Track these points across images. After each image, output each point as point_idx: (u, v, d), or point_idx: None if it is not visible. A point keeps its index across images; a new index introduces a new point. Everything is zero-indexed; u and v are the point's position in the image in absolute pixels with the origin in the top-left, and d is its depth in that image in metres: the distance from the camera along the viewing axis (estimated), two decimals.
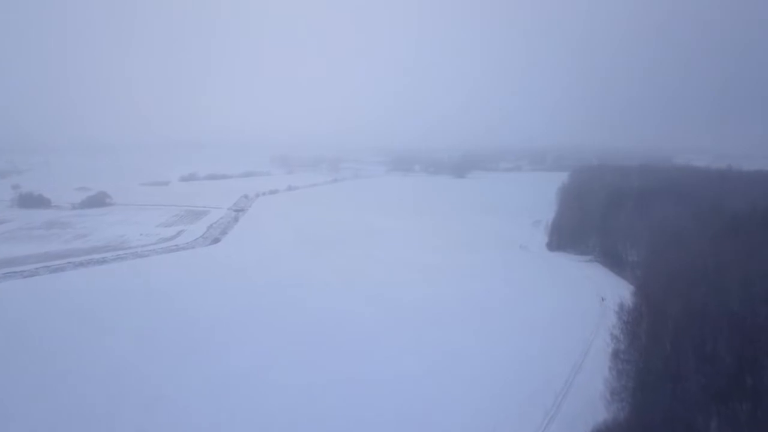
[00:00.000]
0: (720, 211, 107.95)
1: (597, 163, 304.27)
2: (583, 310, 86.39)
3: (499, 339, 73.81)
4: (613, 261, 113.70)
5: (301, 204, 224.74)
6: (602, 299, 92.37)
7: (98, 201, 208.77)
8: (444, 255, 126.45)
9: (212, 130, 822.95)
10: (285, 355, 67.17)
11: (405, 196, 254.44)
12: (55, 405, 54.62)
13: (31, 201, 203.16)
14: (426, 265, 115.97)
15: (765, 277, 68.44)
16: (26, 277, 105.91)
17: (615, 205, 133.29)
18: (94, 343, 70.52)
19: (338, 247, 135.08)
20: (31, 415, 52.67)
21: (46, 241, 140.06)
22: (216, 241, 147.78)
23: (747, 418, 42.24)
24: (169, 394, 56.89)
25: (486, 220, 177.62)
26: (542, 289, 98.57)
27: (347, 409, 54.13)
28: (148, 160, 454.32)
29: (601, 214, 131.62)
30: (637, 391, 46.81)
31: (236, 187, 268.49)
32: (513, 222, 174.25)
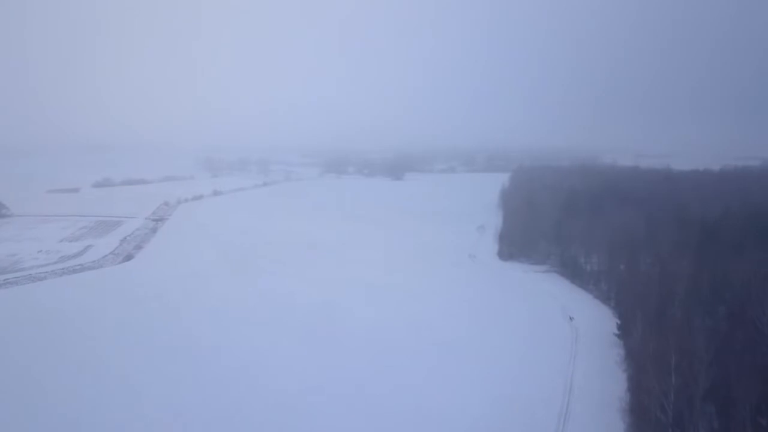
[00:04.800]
0: (681, 213, 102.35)
1: (531, 164, 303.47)
2: (554, 334, 76.53)
3: (462, 377, 62.21)
4: (573, 271, 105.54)
5: (227, 211, 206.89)
6: (570, 318, 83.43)
7: None
8: (389, 270, 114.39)
9: (130, 131, 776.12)
10: (189, 414, 52.82)
11: (341, 200, 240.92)
12: None
13: None
14: (370, 283, 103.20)
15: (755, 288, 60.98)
16: None
17: (567, 210, 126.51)
18: None
19: (268, 263, 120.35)
20: None
21: None
22: (129, 257, 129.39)
23: None
24: None
25: (429, 227, 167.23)
26: (503, 310, 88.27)
27: None
28: (58, 165, 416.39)
29: (553, 220, 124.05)
30: None
31: (156, 193, 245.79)
32: (457, 228, 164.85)
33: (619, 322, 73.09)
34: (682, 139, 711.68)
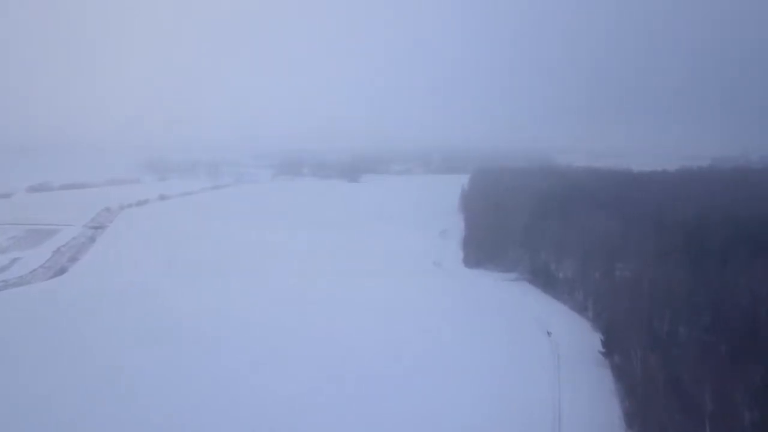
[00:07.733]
0: (657, 216, 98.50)
1: (489, 165, 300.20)
2: (533, 353, 70.33)
3: (440, 401, 55.30)
4: (544, 279, 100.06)
5: (175, 217, 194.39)
6: (548, 333, 77.58)
7: None
8: (350, 280, 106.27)
9: (70, 131, 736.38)
10: None
11: (296, 204, 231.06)
12: None
13: None
14: (328, 297, 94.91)
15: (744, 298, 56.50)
16: None
17: (534, 213, 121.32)
18: None
19: (217, 274, 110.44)
20: None
21: None
22: (62, 271, 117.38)
23: None
24: None
25: (390, 231, 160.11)
26: (477, 324, 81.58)
27: None
28: None
29: (520, 224, 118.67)
30: None
31: (97, 198, 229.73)
32: (419, 233, 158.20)
33: (603, 338, 67.55)
34: (632, 138, 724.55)
